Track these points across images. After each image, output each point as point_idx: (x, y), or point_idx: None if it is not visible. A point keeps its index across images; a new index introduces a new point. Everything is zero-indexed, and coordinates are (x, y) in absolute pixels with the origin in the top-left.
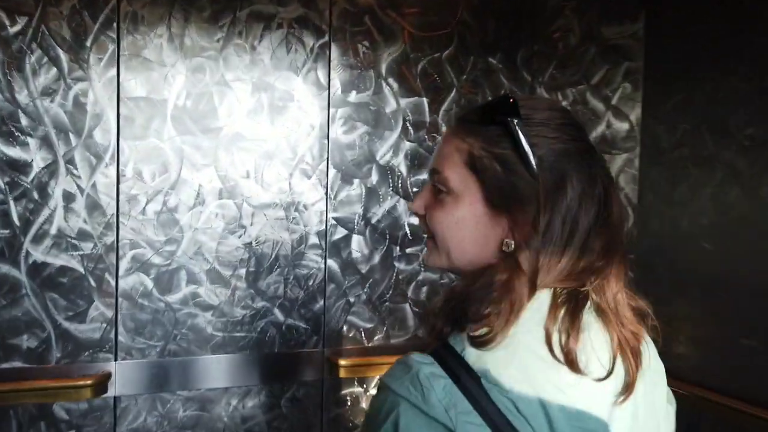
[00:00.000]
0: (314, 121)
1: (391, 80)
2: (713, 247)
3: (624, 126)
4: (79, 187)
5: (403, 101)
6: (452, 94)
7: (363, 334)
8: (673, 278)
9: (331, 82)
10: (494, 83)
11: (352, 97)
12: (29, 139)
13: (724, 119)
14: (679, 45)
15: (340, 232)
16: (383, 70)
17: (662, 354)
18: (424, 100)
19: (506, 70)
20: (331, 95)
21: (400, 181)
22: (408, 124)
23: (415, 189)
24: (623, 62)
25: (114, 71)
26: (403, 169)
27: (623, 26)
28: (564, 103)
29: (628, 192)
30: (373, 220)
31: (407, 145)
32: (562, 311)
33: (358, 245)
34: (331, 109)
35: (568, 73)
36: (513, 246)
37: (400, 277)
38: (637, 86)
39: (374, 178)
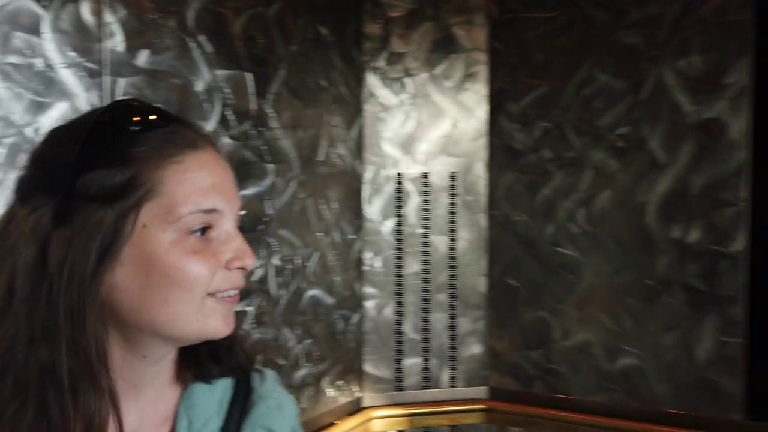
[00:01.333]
0: (77, 100)
1: (202, 38)
2: (583, 258)
3: (471, 124)
4: None
5: (220, 74)
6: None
7: None
8: (533, 296)
9: (103, 27)
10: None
11: (142, 59)
12: None
13: (591, 117)
14: (535, 34)
15: None
16: (190, 20)
17: None
18: (247, 75)
19: (338, 46)
20: (102, 52)
21: None
22: (227, 111)
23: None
24: (469, 51)
25: None
26: None
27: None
28: (403, 96)
29: (470, 200)
30: None
31: (227, 143)
32: None
33: None
34: (104, 78)
35: (407, 60)
36: None
37: None
38: (485, 79)
39: None
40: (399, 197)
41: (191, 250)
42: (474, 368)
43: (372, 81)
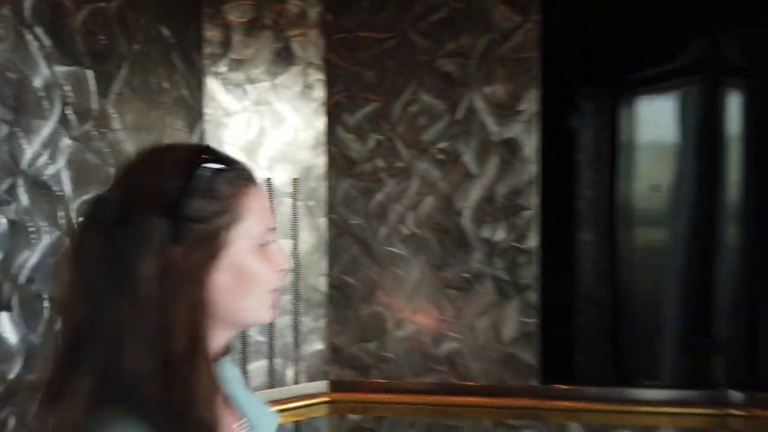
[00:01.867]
0: None
1: (39, 30)
2: (411, 256)
3: (310, 133)
4: None
5: (60, 70)
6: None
7: None
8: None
9: None
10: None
11: None
12: None
13: (416, 133)
14: (368, 53)
15: None
16: (27, 10)
17: None
18: (88, 72)
19: (179, 48)
20: None
21: (62, 207)
22: (68, 110)
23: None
24: (307, 64)
25: None
26: (67, 185)
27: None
28: (246, 103)
29: (311, 205)
30: (21, 278)
31: (68, 144)
32: None
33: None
34: None
35: (248, 67)
36: None
37: None
38: (323, 91)
39: (23, 200)
40: None
41: (263, 258)
42: (316, 364)
43: (213, 86)
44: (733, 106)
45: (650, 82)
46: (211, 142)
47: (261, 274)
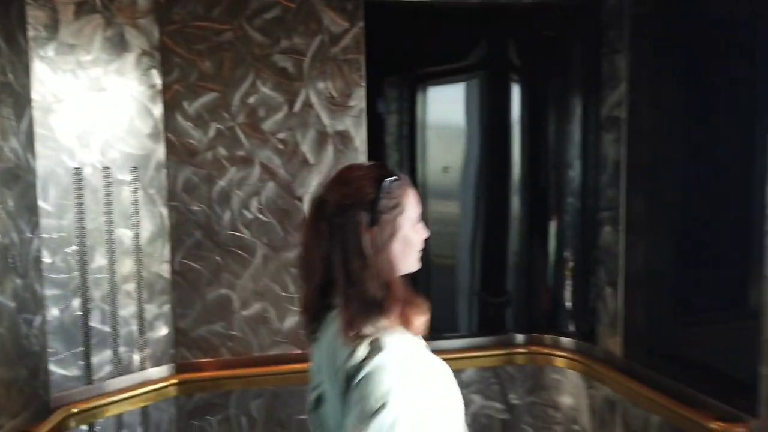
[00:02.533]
0: None
1: None
2: (256, 239)
3: (148, 122)
4: None
5: None
6: None
7: None
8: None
9: None
10: None
11: None
12: None
13: (257, 123)
14: (205, 45)
15: None
16: None
17: None
18: None
19: (2, 29)
20: None
21: None
22: None
23: None
24: (143, 51)
25: None
26: None
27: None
28: (77, 89)
29: (152, 193)
30: None
31: None
32: None
33: None
34: None
35: (77, 52)
36: None
37: None
38: (159, 79)
39: None
40: (79, 192)
41: (416, 232)
42: (162, 349)
43: (41, 70)
44: (513, 98)
45: (444, 75)
46: (41, 128)
47: (416, 242)
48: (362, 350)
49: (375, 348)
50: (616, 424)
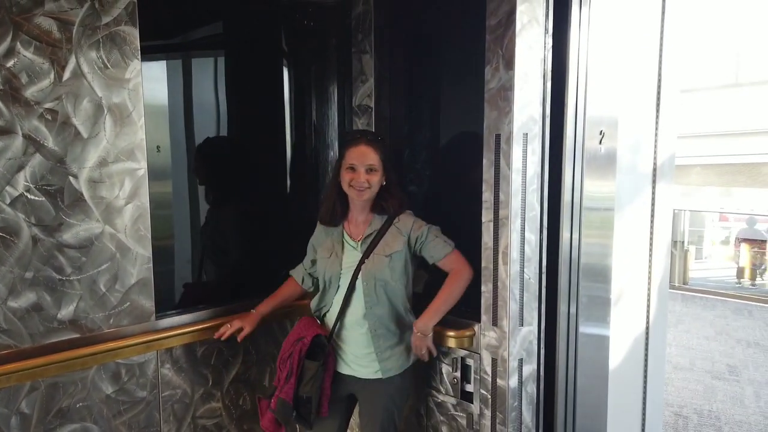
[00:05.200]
0: None
1: None
2: (23, 217)
3: None
4: None
5: None
6: None
7: None
8: None
9: None
10: None
11: None
12: None
13: (19, 90)
14: None
15: None
16: None
17: None
18: None
19: None
20: None
21: None
22: None
23: None
24: None
25: None
26: None
27: None
28: None
29: None
30: None
31: None
32: None
33: None
34: None
35: None
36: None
37: None
38: None
39: None
40: None
41: (345, 174)
42: None
43: None
44: (283, 80)
45: (202, 52)
46: None
47: (345, 180)
48: None
49: None
50: None
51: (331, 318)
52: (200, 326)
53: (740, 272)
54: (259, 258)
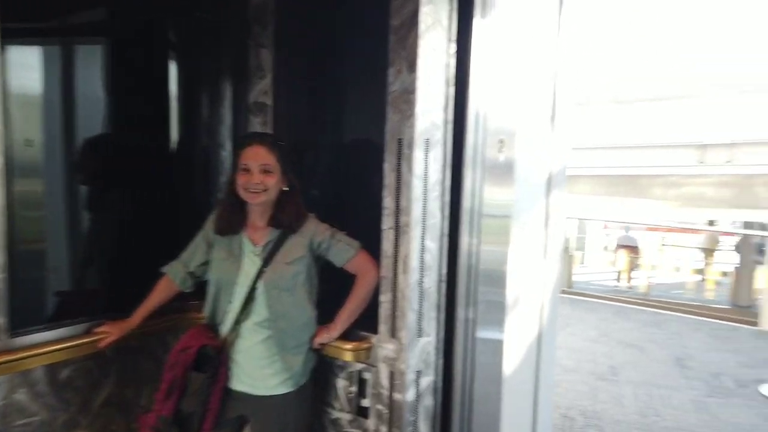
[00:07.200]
0: None
1: None
2: None
3: None
4: None
5: None
6: None
7: None
8: None
9: None
10: None
11: None
12: None
13: None
14: None
15: None
16: None
17: None
18: None
19: None
20: None
21: None
22: None
23: None
24: None
25: None
26: None
27: None
28: None
29: None
30: None
31: None
32: None
33: None
34: None
35: None
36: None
37: None
38: None
39: None
40: None
41: (240, 177)
42: None
43: None
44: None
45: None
46: None
47: (240, 183)
48: None
49: None
50: None
51: (225, 328)
52: (66, 344)
53: (619, 276)
54: (141, 266)
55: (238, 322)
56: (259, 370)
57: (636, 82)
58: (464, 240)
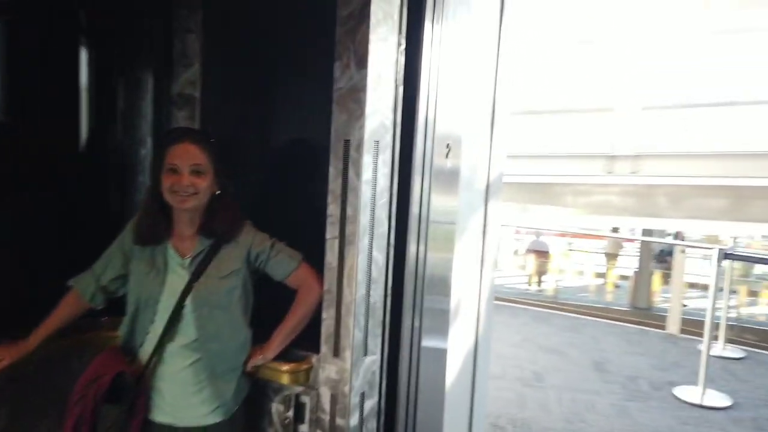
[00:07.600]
0: None
1: None
2: None
3: None
4: None
5: None
6: None
7: None
8: None
9: None
10: None
11: None
12: None
13: None
14: None
15: None
16: None
17: None
18: None
19: None
20: None
21: None
22: None
23: None
24: None
25: None
26: None
27: None
28: None
29: None
30: None
31: None
32: None
33: None
34: None
35: None
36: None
37: None
38: None
39: None
40: None
41: (165, 179)
42: None
43: None
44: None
45: None
46: None
47: (165, 185)
48: None
49: None
50: None
51: (146, 351)
52: None
53: (529, 279)
54: (42, 279)
55: (161, 345)
56: (185, 398)
57: (549, 94)
58: (411, 248)
